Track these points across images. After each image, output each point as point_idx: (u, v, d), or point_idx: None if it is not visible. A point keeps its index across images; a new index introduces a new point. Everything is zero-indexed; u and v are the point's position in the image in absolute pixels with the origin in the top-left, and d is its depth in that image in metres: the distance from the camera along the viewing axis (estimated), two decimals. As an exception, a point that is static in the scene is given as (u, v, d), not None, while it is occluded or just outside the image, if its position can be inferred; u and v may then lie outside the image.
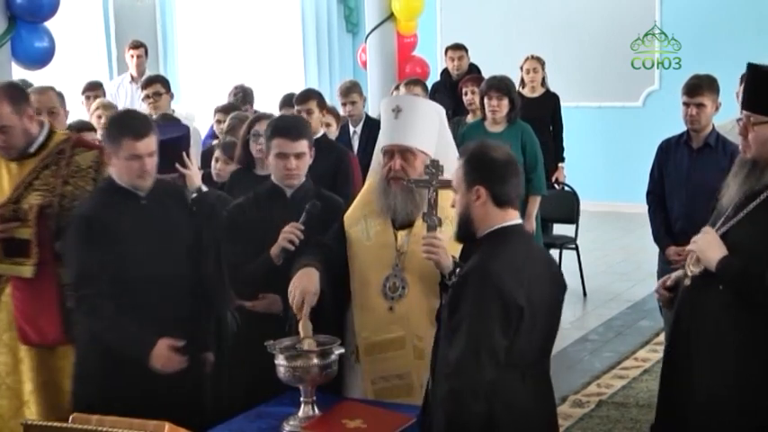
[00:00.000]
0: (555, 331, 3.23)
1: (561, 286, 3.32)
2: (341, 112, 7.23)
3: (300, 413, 3.43)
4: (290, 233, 3.80)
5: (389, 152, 3.66)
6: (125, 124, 3.85)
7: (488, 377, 2.91)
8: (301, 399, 3.43)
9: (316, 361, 3.39)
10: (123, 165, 3.75)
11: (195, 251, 3.92)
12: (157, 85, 7.35)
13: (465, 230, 3.14)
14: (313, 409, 3.43)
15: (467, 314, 2.95)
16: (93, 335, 3.78)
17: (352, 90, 7.30)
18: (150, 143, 3.78)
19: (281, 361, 3.40)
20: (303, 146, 4.07)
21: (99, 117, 6.47)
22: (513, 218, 3.12)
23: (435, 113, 3.81)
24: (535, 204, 6.61)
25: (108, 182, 3.87)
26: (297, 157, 4.05)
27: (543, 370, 3.19)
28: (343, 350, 3.47)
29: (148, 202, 3.83)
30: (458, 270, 3.41)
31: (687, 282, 3.39)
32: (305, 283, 3.51)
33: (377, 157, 3.77)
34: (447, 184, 3.49)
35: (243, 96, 7.80)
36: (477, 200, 3.07)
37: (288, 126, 4.19)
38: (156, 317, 3.73)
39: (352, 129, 7.16)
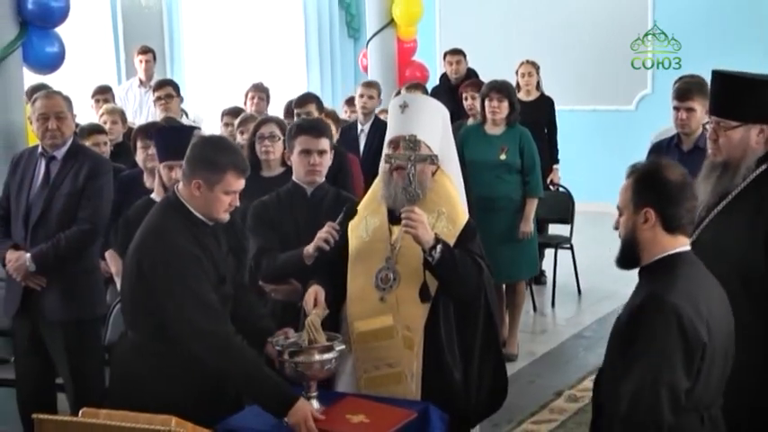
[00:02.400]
0: (729, 368, 2.89)
1: (731, 318, 2.93)
2: (357, 101, 7.25)
3: None
4: (327, 233, 3.80)
5: (395, 142, 3.70)
6: (229, 157, 3.52)
7: (668, 419, 2.63)
8: (302, 393, 3.43)
9: (317, 357, 3.41)
10: (217, 198, 3.49)
11: (239, 266, 3.81)
12: (169, 88, 7.46)
13: (629, 255, 2.89)
14: (316, 403, 3.43)
15: (645, 348, 2.68)
16: (224, 371, 3.42)
17: (374, 86, 7.37)
18: (243, 183, 3.59)
19: (284, 357, 3.43)
20: (325, 144, 4.19)
21: (105, 122, 6.51)
22: (683, 244, 2.85)
23: (439, 112, 3.88)
24: (532, 206, 6.61)
25: (183, 212, 3.53)
26: (319, 153, 4.14)
27: (717, 409, 2.87)
28: (344, 346, 3.50)
29: (212, 231, 3.61)
30: (439, 246, 3.49)
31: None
32: (317, 288, 3.60)
33: (385, 153, 3.79)
34: (425, 158, 3.60)
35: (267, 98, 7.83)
36: (645, 223, 2.83)
37: (311, 125, 4.33)
38: None
39: (360, 127, 7.21)
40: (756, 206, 3.29)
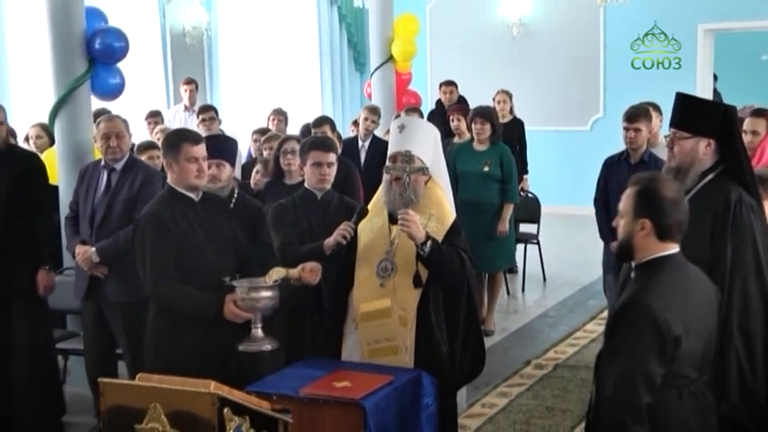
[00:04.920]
0: (712, 349, 2.80)
1: (716, 310, 2.84)
2: (361, 124, 7.25)
3: (252, 334, 3.53)
4: (344, 230, 3.79)
5: (394, 157, 3.70)
6: (182, 134, 3.80)
7: (644, 399, 2.58)
8: (252, 325, 3.53)
9: (263, 294, 3.51)
10: (183, 167, 3.64)
11: (235, 245, 3.81)
12: (211, 112, 7.54)
13: (625, 253, 2.80)
14: (260, 332, 3.53)
15: (623, 343, 2.63)
16: (169, 307, 3.64)
17: (377, 111, 7.39)
18: (203, 149, 3.70)
19: (240, 293, 3.51)
20: (333, 157, 4.19)
21: (158, 140, 6.51)
22: (671, 249, 2.75)
23: (432, 133, 3.86)
24: (509, 210, 6.60)
25: (167, 189, 3.76)
26: (328, 165, 4.14)
27: (701, 385, 2.77)
28: (278, 292, 3.55)
29: (200, 209, 3.74)
30: (429, 242, 3.50)
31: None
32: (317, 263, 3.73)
33: (386, 165, 3.78)
34: (418, 170, 3.61)
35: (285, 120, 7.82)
36: (641, 230, 2.73)
37: (321, 141, 4.33)
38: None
39: (360, 143, 7.19)
40: (705, 208, 3.29)
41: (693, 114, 3.35)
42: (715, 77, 11.32)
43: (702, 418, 2.76)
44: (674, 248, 2.76)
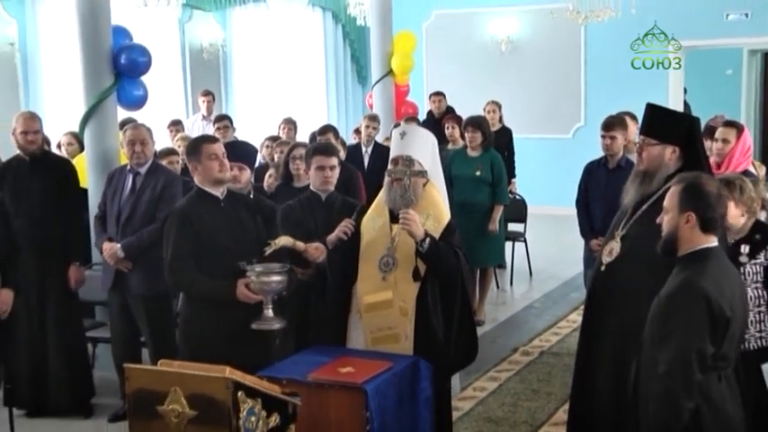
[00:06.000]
0: (743, 339, 2.78)
1: (746, 298, 2.80)
2: (363, 131, 7.25)
3: (263, 315, 3.52)
4: (345, 227, 3.78)
5: (395, 160, 3.69)
6: (200, 138, 3.93)
7: (697, 377, 2.53)
8: (263, 306, 3.52)
9: (272, 278, 3.50)
10: (206, 165, 3.66)
11: (258, 238, 3.79)
12: (226, 121, 7.54)
13: (669, 246, 2.71)
14: (271, 312, 3.52)
15: (679, 325, 2.54)
16: (187, 292, 3.73)
17: (376, 119, 7.41)
18: (221, 146, 3.75)
19: (251, 276, 3.50)
20: (335, 161, 4.19)
21: (179, 146, 6.50)
22: (712, 241, 2.68)
23: (430, 140, 3.86)
24: (499, 211, 6.59)
25: (195, 190, 3.77)
26: (331, 168, 4.13)
27: (733, 372, 2.72)
28: (286, 276, 3.55)
29: (226, 206, 3.73)
30: (428, 239, 3.50)
31: (603, 268, 3.39)
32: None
33: (388, 168, 3.77)
34: (417, 173, 3.61)
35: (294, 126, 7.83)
36: (686, 223, 2.65)
37: (323, 147, 4.35)
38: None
39: (364, 149, 7.18)
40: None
41: (661, 124, 3.35)
42: (685, 90, 11.33)
43: (735, 403, 2.70)
44: (714, 241, 2.70)
